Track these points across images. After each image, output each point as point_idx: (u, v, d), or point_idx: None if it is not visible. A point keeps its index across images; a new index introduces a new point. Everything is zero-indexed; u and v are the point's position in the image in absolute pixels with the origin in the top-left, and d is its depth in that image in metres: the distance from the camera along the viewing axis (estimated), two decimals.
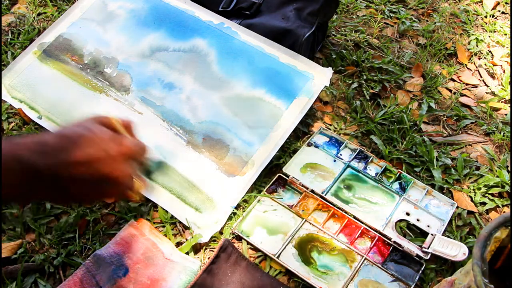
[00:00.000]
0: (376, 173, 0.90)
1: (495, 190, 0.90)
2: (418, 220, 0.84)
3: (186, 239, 0.79)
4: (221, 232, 0.81)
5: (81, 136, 0.45)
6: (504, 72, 1.16)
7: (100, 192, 0.48)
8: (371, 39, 1.21)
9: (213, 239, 0.80)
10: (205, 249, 0.79)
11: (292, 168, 0.89)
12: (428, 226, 0.83)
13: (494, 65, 1.17)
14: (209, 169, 0.87)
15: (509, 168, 0.94)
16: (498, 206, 0.88)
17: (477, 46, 1.22)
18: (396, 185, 0.89)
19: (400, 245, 0.80)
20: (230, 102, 0.94)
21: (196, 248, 0.79)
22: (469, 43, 1.23)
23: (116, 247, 0.75)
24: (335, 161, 0.92)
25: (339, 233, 0.82)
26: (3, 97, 0.97)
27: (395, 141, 0.97)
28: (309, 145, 0.94)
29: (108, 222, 0.82)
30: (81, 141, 0.45)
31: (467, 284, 0.57)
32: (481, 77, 1.16)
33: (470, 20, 1.29)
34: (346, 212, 0.84)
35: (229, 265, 0.75)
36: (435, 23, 1.28)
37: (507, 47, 1.22)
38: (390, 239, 0.81)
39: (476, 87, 1.13)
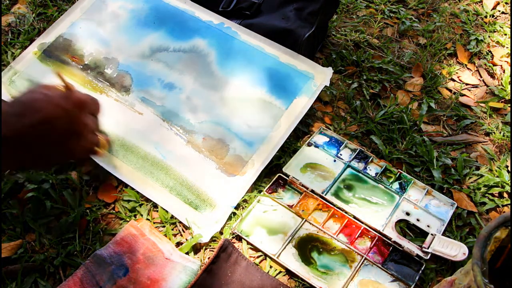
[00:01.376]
0: (376, 173, 0.90)
1: (495, 190, 0.90)
2: (418, 220, 0.84)
3: (186, 239, 0.79)
4: (221, 232, 0.81)
5: (34, 99, 0.49)
6: (504, 72, 1.16)
7: (68, 149, 0.52)
8: (371, 39, 1.21)
9: (213, 239, 0.80)
10: (205, 249, 0.79)
11: (292, 168, 0.89)
12: (428, 226, 0.83)
13: (494, 65, 1.17)
14: (209, 169, 0.87)
15: (509, 168, 0.94)
16: (498, 206, 0.89)
17: (477, 46, 1.22)
18: (396, 185, 0.89)
19: (400, 245, 0.80)
20: (230, 102, 0.94)
21: (196, 248, 0.79)
22: (469, 43, 1.23)
23: (116, 247, 0.75)
24: (335, 161, 0.92)
25: (339, 233, 0.82)
26: (3, 97, 0.97)
27: (395, 141, 0.97)
28: (309, 145, 0.94)
29: (108, 222, 0.82)
30: (35, 104, 0.48)
31: (467, 284, 0.57)
32: (481, 77, 1.16)
33: (470, 20, 1.29)
34: (346, 212, 0.84)
35: (229, 265, 0.75)
36: (435, 23, 1.28)
37: (507, 47, 1.22)
38: (390, 239, 0.81)
39: (476, 87, 1.13)
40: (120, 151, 0.89)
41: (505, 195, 0.90)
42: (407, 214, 0.85)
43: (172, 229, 0.81)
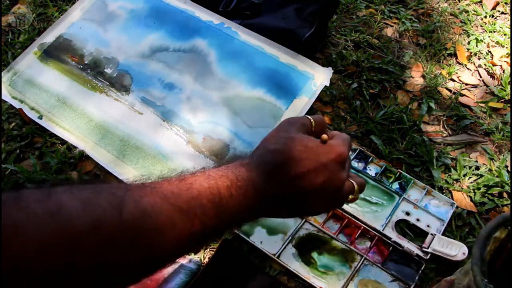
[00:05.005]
0: (376, 173, 0.90)
1: (495, 190, 0.91)
2: (418, 220, 0.84)
3: None
4: None
5: (293, 149, 0.45)
6: (503, 72, 1.16)
7: (321, 203, 0.47)
8: (371, 39, 1.21)
9: None
10: (205, 249, 0.79)
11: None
12: (428, 226, 0.83)
13: (493, 65, 1.17)
14: None
15: (509, 168, 0.94)
16: (497, 206, 0.89)
17: (476, 46, 1.22)
18: (396, 185, 0.89)
19: (400, 245, 0.80)
20: (230, 102, 0.95)
21: None
22: (468, 43, 1.23)
23: None
24: None
25: (339, 233, 0.82)
26: (3, 97, 0.97)
27: (395, 141, 0.97)
28: None
29: None
30: (295, 155, 0.44)
31: (466, 284, 0.57)
32: (480, 77, 1.16)
33: (469, 20, 1.29)
34: (346, 212, 0.84)
35: (229, 265, 0.75)
36: (435, 23, 1.28)
37: (506, 47, 1.22)
38: (390, 239, 0.81)
39: (476, 87, 1.13)
40: (120, 151, 0.89)
41: (505, 195, 0.90)
42: (407, 214, 0.85)
43: None
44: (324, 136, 0.47)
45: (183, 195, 0.38)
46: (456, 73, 1.15)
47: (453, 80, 1.14)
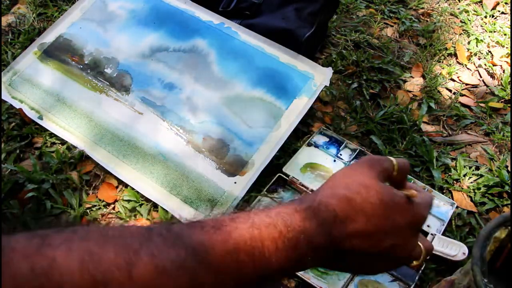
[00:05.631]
0: None
1: (495, 190, 0.91)
2: None
3: None
4: None
5: (367, 201, 0.36)
6: (504, 72, 1.16)
7: (383, 265, 0.40)
8: (371, 39, 1.21)
9: None
10: None
11: (292, 168, 0.89)
12: (428, 226, 0.83)
13: (494, 65, 1.17)
14: (209, 169, 0.87)
15: (509, 168, 0.94)
16: (498, 206, 0.89)
17: (477, 46, 1.22)
18: None
19: None
20: (230, 102, 0.95)
21: None
22: (469, 43, 1.23)
23: None
24: (335, 161, 0.92)
25: None
26: (3, 97, 0.97)
27: (395, 141, 0.97)
28: (309, 145, 0.94)
29: (108, 222, 0.82)
30: (367, 207, 0.36)
31: (466, 284, 0.57)
32: (481, 77, 1.16)
33: (470, 20, 1.29)
34: None
35: None
36: (435, 23, 1.28)
37: (506, 47, 1.22)
38: None
39: (476, 87, 1.13)
40: (120, 151, 0.89)
41: (505, 195, 0.90)
42: None
43: None
44: (414, 192, 0.39)
45: (216, 249, 0.31)
46: (456, 73, 1.15)
47: (453, 80, 1.14)
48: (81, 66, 1.00)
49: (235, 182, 0.85)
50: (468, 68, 1.17)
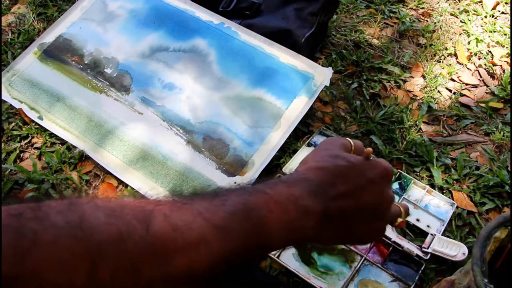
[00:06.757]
0: None
1: (495, 190, 0.90)
2: (418, 220, 0.84)
3: None
4: None
5: (340, 167, 0.42)
6: (504, 72, 1.16)
7: (370, 225, 0.43)
8: (371, 39, 1.21)
9: None
10: None
11: (292, 168, 0.89)
12: (428, 226, 0.83)
13: (494, 65, 1.17)
14: (209, 169, 0.87)
15: (509, 168, 0.94)
16: (498, 206, 0.89)
17: (477, 46, 1.22)
18: (396, 185, 0.89)
19: (400, 245, 0.80)
20: (230, 102, 0.95)
21: None
22: (469, 43, 1.23)
23: None
24: None
25: None
26: (3, 97, 0.97)
27: (395, 141, 0.97)
28: (309, 145, 0.94)
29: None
30: (341, 172, 0.41)
31: (466, 284, 0.57)
32: (481, 77, 1.16)
33: (470, 20, 1.29)
34: None
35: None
36: (435, 23, 1.28)
37: (507, 47, 1.22)
38: (390, 239, 0.81)
39: (476, 87, 1.13)
40: (120, 151, 0.89)
41: (505, 195, 0.90)
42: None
43: None
44: (369, 149, 0.45)
45: (218, 211, 0.35)
46: (456, 73, 1.15)
47: (453, 80, 1.14)
48: (81, 66, 1.00)
49: (235, 182, 0.85)
50: (468, 68, 1.17)
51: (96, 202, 0.32)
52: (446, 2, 1.36)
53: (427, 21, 1.30)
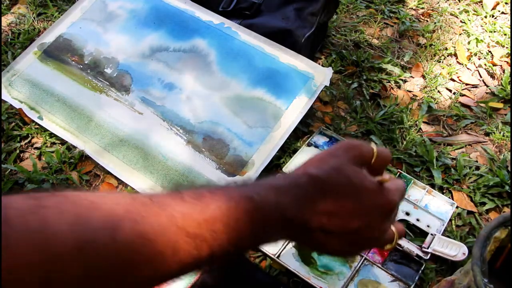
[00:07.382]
0: None
1: (495, 190, 0.91)
2: (418, 220, 0.84)
3: None
4: None
5: (337, 183, 0.38)
6: (503, 72, 1.16)
7: (350, 247, 0.40)
8: (371, 39, 1.21)
9: None
10: None
11: (292, 168, 0.89)
12: (428, 226, 0.83)
13: (494, 65, 1.17)
14: (209, 169, 0.87)
15: (509, 168, 0.94)
16: (498, 206, 0.89)
17: (477, 46, 1.22)
18: None
19: (399, 245, 0.80)
20: (230, 102, 0.95)
21: None
22: (469, 43, 1.23)
23: None
24: None
25: None
26: (3, 97, 0.97)
27: (395, 141, 0.97)
28: (309, 145, 0.94)
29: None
30: (336, 189, 0.37)
31: (466, 284, 0.57)
32: (481, 77, 1.16)
33: (470, 20, 1.29)
34: None
35: (229, 265, 0.75)
36: (435, 23, 1.28)
37: (507, 47, 1.22)
38: None
39: (476, 87, 1.13)
40: (120, 151, 0.89)
41: (505, 195, 0.90)
42: (407, 214, 0.85)
43: None
44: (386, 177, 0.39)
45: (194, 217, 0.33)
46: (456, 73, 1.15)
47: (453, 80, 1.14)
48: (81, 66, 1.00)
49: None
50: (468, 68, 1.17)
51: (63, 206, 0.30)
52: (446, 2, 1.36)
53: (427, 21, 1.30)
